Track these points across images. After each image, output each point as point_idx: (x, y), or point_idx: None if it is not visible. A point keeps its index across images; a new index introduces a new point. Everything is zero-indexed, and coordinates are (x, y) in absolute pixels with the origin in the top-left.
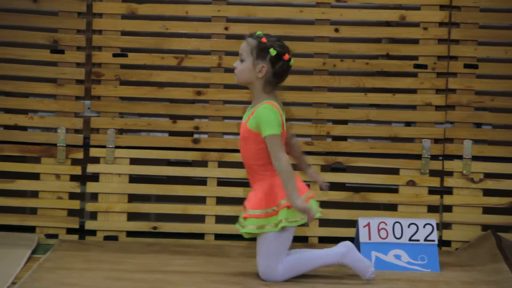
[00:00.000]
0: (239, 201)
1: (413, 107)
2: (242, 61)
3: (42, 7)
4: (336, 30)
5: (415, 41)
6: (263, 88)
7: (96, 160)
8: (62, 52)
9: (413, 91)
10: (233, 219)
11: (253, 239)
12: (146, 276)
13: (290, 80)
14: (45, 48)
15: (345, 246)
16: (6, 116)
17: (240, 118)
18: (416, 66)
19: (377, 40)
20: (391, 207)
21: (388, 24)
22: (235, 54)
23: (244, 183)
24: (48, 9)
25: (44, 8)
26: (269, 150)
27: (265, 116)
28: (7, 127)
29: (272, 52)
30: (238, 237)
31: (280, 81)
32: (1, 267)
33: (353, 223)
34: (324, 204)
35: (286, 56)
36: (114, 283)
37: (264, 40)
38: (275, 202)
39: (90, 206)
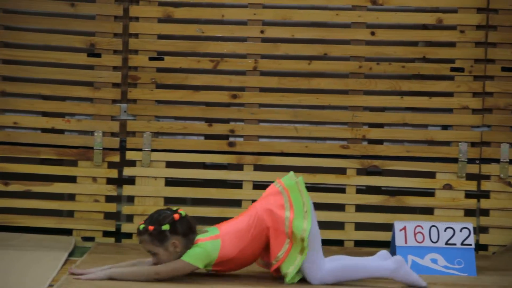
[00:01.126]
0: None
1: (449, 111)
2: (155, 254)
3: (79, 11)
4: (372, 33)
5: (452, 44)
6: (187, 249)
7: (132, 163)
8: (99, 55)
9: (449, 94)
10: None
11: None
12: (182, 278)
13: (326, 83)
14: (82, 51)
15: (396, 262)
16: (44, 119)
17: (276, 121)
18: (453, 69)
19: (414, 43)
20: (428, 211)
21: (424, 27)
22: (271, 57)
23: None
24: (85, 13)
25: (81, 12)
26: (169, 264)
27: (193, 251)
28: (44, 130)
29: (166, 227)
30: None
31: (193, 233)
32: (38, 269)
33: (389, 227)
34: (360, 208)
35: (177, 217)
36: (151, 285)
37: (151, 228)
38: (283, 239)
39: (126, 209)
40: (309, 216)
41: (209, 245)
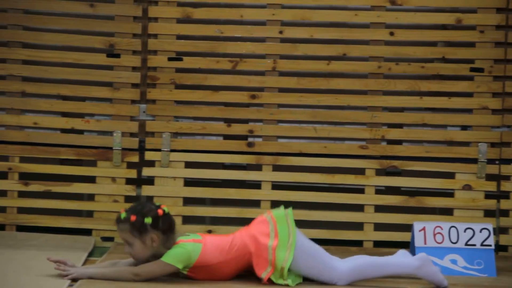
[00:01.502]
0: (293, 204)
1: (469, 111)
2: (130, 244)
3: (98, 12)
4: (391, 34)
5: (471, 44)
6: (163, 248)
7: (151, 164)
8: (118, 56)
9: (469, 94)
10: None
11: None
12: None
13: (345, 84)
14: (101, 52)
15: (420, 259)
16: (63, 119)
17: (295, 122)
18: (472, 69)
19: (433, 44)
20: (447, 212)
21: (444, 27)
22: (290, 57)
23: (298, 187)
24: (105, 13)
25: (101, 12)
26: (147, 264)
27: (173, 251)
28: (64, 130)
29: (148, 220)
30: None
31: (172, 232)
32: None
33: (408, 227)
34: (379, 208)
35: (160, 212)
36: (171, 286)
37: (133, 218)
38: (265, 264)
39: None
40: (292, 248)
41: (191, 246)
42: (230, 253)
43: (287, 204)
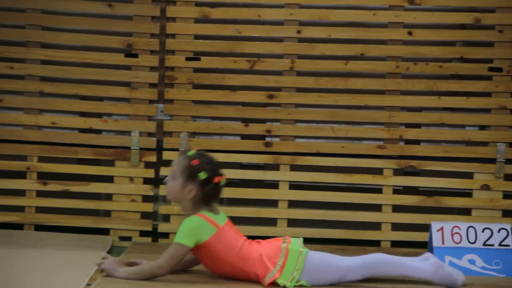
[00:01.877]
0: (311, 204)
1: (487, 111)
2: (173, 178)
3: (116, 12)
4: (409, 33)
5: (490, 44)
6: (192, 207)
7: (169, 163)
8: (136, 56)
9: (487, 94)
10: (305, 223)
11: None
12: (220, 279)
13: (362, 83)
14: (119, 52)
15: (434, 265)
16: (81, 119)
17: (312, 121)
18: (491, 69)
19: (451, 43)
20: (465, 212)
21: (462, 26)
22: (308, 57)
23: (316, 187)
24: (123, 13)
25: (119, 12)
26: (165, 252)
27: (183, 225)
28: (82, 130)
29: (202, 176)
30: (310, 240)
31: (211, 201)
32: (76, 269)
33: (426, 227)
34: (397, 208)
35: (216, 179)
36: (189, 286)
37: (194, 162)
38: (276, 257)
39: (163, 209)
40: (292, 283)
41: (202, 223)
42: (236, 256)
43: (303, 204)
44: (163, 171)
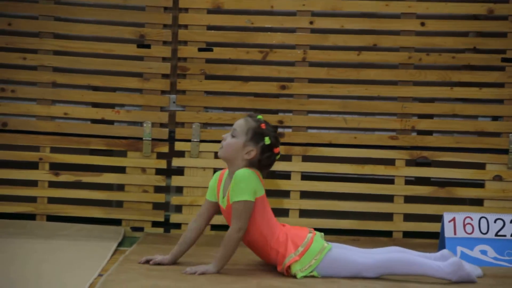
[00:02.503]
0: (323, 195)
1: (500, 101)
2: (233, 136)
3: (129, 2)
4: (422, 24)
5: (503, 35)
6: (241, 165)
7: (181, 154)
8: (148, 46)
9: (500, 85)
10: (316, 213)
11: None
12: (231, 267)
13: (375, 74)
14: (132, 42)
15: (453, 265)
16: (94, 110)
17: (325, 112)
18: (504, 59)
19: (464, 34)
20: (477, 202)
21: (475, 17)
22: (320, 48)
23: (328, 178)
24: (135, 4)
25: (131, 3)
26: (233, 215)
27: (240, 179)
28: (94, 121)
29: (267, 140)
30: (321, 231)
31: (262, 169)
32: (88, 259)
33: (438, 218)
34: (409, 199)
35: (277, 150)
36: (200, 276)
37: (263, 126)
38: (300, 242)
39: (175, 200)
40: (306, 272)
41: (259, 182)
42: (267, 225)
43: (315, 195)
44: (176, 161)
